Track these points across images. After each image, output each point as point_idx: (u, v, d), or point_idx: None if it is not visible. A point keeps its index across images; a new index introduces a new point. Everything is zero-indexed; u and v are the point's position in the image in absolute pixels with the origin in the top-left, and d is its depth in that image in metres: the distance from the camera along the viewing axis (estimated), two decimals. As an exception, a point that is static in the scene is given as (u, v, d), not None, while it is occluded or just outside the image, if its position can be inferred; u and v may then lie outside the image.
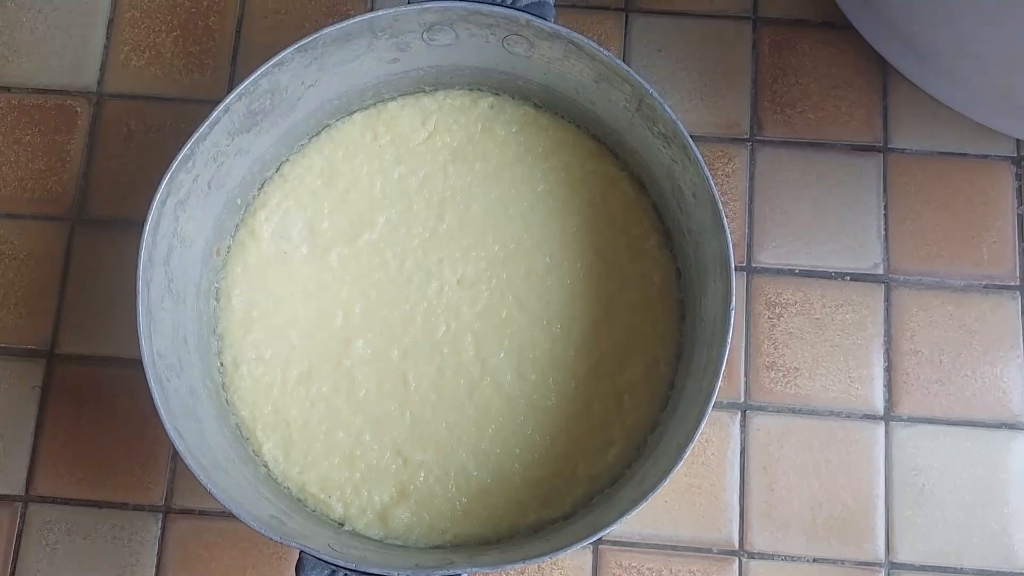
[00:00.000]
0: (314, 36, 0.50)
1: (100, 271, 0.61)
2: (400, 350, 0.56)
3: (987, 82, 0.58)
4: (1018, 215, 0.62)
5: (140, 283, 0.48)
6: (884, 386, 0.60)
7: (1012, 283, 0.61)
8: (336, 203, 0.57)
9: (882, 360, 0.60)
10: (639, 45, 0.64)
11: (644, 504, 0.46)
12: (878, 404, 0.59)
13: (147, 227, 0.48)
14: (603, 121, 0.57)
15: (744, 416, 0.59)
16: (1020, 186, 0.62)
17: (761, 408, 0.59)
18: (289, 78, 0.52)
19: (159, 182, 0.48)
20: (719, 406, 0.59)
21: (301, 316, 0.56)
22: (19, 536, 0.58)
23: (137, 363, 0.47)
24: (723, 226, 0.49)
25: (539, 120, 0.59)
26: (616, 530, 0.58)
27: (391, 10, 0.50)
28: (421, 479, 0.54)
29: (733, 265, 0.49)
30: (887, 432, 0.59)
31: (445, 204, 0.58)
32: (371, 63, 0.55)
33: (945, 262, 0.61)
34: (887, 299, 0.61)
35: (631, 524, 0.58)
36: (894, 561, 0.58)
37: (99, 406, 0.59)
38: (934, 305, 0.61)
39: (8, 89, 0.64)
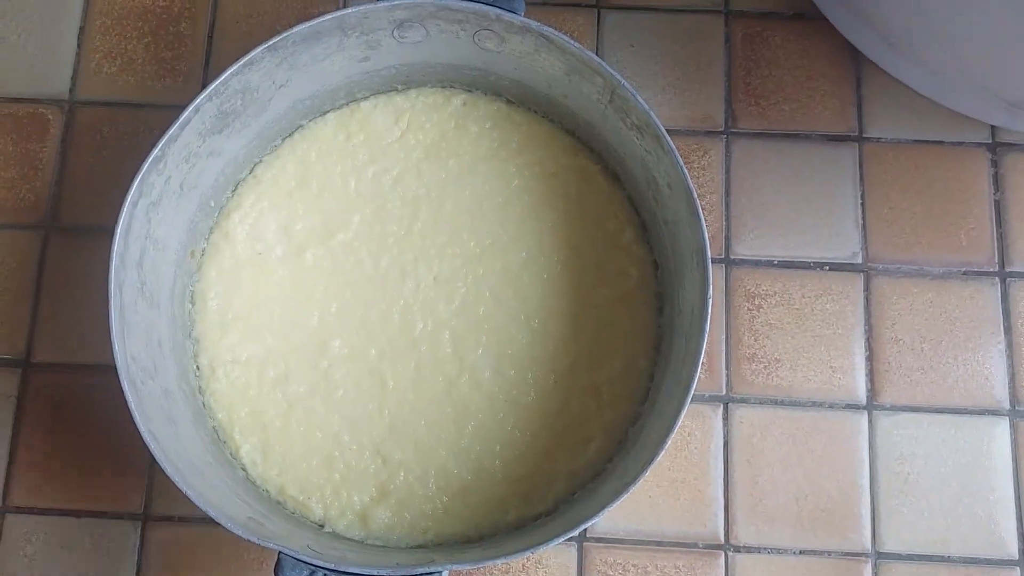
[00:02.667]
0: (284, 35, 0.50)
1: (74, 279, 0.61)
2: (377, 349, 0.55)
3: (959, 68, 0.58)
4: (995, 201, 0.62)
5: (112, 285, 0.47)
6: (866, 375, 0.59)
7: (991, 269, 0.61)
8: (310, 204, 0.57)
9: (863, 349, 0.60)
10: (611, 40, 0.64)
11: (625, 496, 0.46)
12: (860, 393, 0.59)
13: (119, 229, 0.47)
14: (576, 115, 0.57)
15: (726, 409, 0.59)
16: (996, 172, 0.62)
17: (743, 400, 0.59)
18: (260, 78, 0.52)
19: (130, 183, 0.48)
20: (701, 399, 0.59)
21: (277, 317, 0.56)
22: (-4, 548, 0.57)
23: (113, 370, 0.47)
24: (698, 215, 0.49)
25: (512, 116, 0.59)
26: (600, 527, 0.58)
27: (361, 7, 0.50)
28: (401, 479, 0.54)
29: (709, 254, 0.49)
30: (870, 421, 0.59)
31: (419, 202, 0.57)
32: (342, 62, 0.55)
33: (923, 250, 0.61)
34: (866, 288, 0.61)
35: (615, 520, 0.58)
36: (880, 551, 0.57)
37: (75, 414, 0.59)
38: (914, 293, 0.60)
39: (-21, 98, 0.64)
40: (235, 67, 0.49)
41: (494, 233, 0.57)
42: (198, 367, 0.55)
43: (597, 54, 0.63)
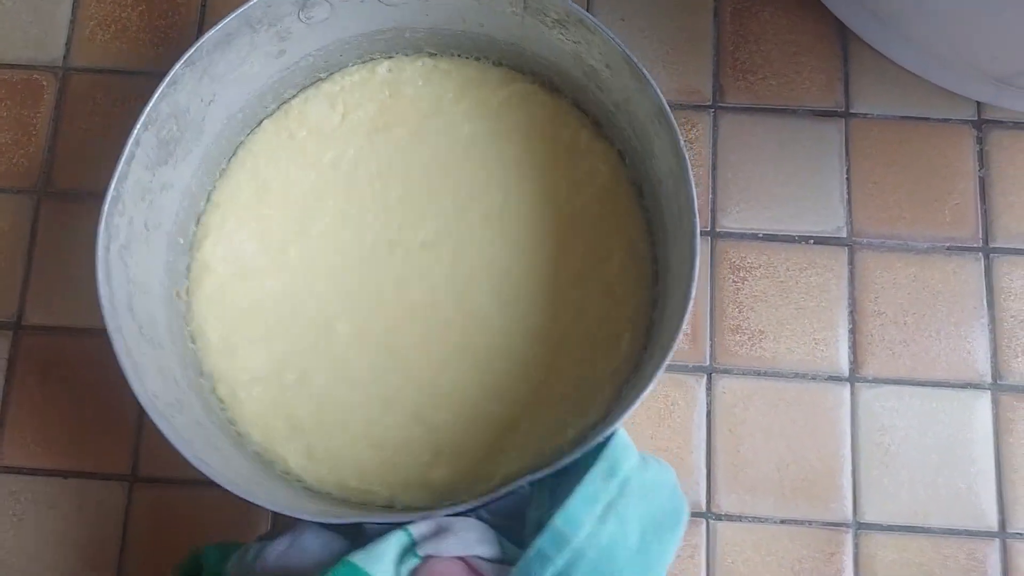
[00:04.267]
0: (196, 46, 0.50)
1: (67, 243, 0.61)
2: (383, 324, 0.55)
3: (947, 44, 0.58)
4: (979, 178, 0.62)
5: (112, 329, 0.47)
6: (849, 348, 0.60)
7: (974, 245, 0.61)
8: (277, 207, 0.57)
9: (846, 322, 0.60)
10: (602, 15, 0.65)
11: (667, 361, 0.46)
12: (843, 366, 0.60)
13: (99, 275, 0.47)
14: (497, 39, 0.57)
15: (710, 379, 0.59)
16: (981, 149, 0.63)
17: (727, 371, 0.60)
18: (187, 97, 0.51)
19: (96, 228, 0.47)
20: (684, 369, 0.59)
21: (279, 322, 0.55)
22: (-15, 506, 0.58)
23: (101, 332, 0.47)
24: (647, 80, 0.49)
25: (439, 66, 0.59)
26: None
27: None
28: (449, 437, 0.54)
29: (668, 110, 0.49)
30: (852, 393, 0.59)
31: (385, 175, 0.57)
32: (259, 62, 0.54)
33: (908, 225, 0.61)
34: (851, 262, 0.61)
35: (598, 487, 0.58)
36: (861, 521, 0.58)
37: (65, 376, 0.59)
38: (897, 267, 0.61)
39: (-26, 64, 0.64)
40: (160, 90, 0.49)
41: (465, 184, 0.57)
42: (220, 399, 0.54)
43: (587, 27, 0.64)
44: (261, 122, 0.58)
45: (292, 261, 0.56)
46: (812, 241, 0.61)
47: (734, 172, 0.62)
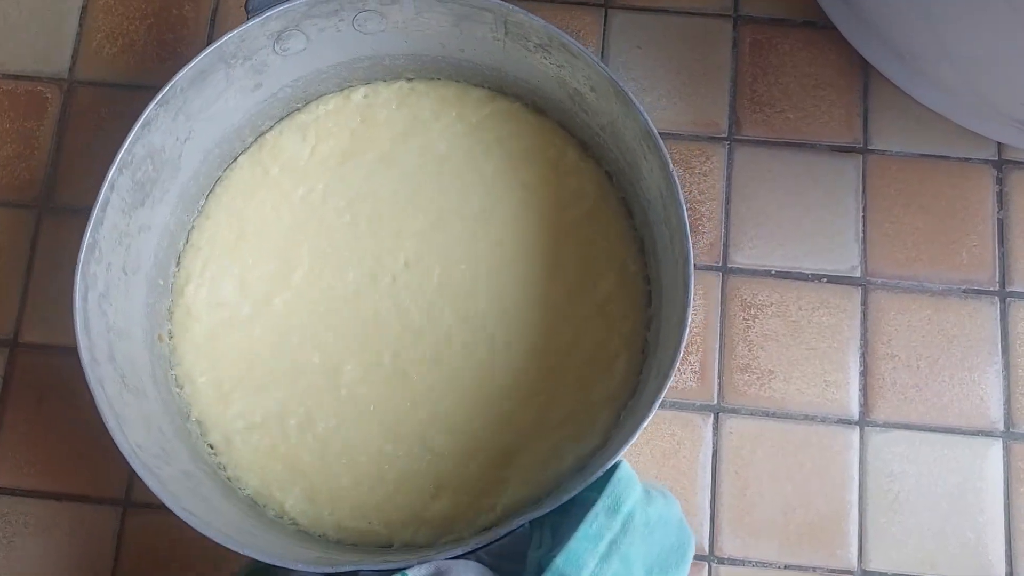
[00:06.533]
0: (170, 84, 0.48)
1: (66, 260, 0.60)
2: (389, 352, 0.55)
3: (967, 84, 0.57)
4: (998, 219, 0.61)
5: (92, 382, 0.46)
6: (860, 390, 0.59)
7: (991, 288, 0.60)
8: (256, 251, 0.56)
9: (858, 364, 0.59)
10: (618, 42, 0.63)
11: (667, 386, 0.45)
12: (853, 409, 0.58)
13: (77, 327, 0.46)
14: (478, 64, 0.56)
15: (717, 419, 0.58)
16: (1001, 190, 0.61)
17: (734, 411, 0.58)
18: (162, 137, 0.50)
19: (72, 278, 0.46)
20: (691, 408, 0.58)
21: (275, 369, 0.54)
22: (-24, 527, 0.57)
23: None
24: (632, 103, 0.49)
25: (416, 88, 0.58)
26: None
27: (235, 31, 0.49)
28: (452, 466, 0.53)
29: (656, 133, 0.48)
30: (862, 437, 0.58)
31: (353, 204, 0.56)
32: (235, 97, 0.53)
33: (924, 265, 0.60)
34: (864, 302, 0.60)
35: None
36: (867, 569, 0.57)
37: (62, 397, 0.58)
38: (912, 309, 0.60)
39: (-22, 74, 0.63)
40: (133, 132, 0.48)
41: (440, 200, 0.56)
42: (211, 446, 0.53)
43: (602, 55, 0.63)
44: (238, 157, 0.57)
45: (278, 310, 0.55)
46: (825, 280, 0.60)
47: (748, 206, 0.61)
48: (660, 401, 0.45)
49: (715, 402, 0.59)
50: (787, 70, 0.63)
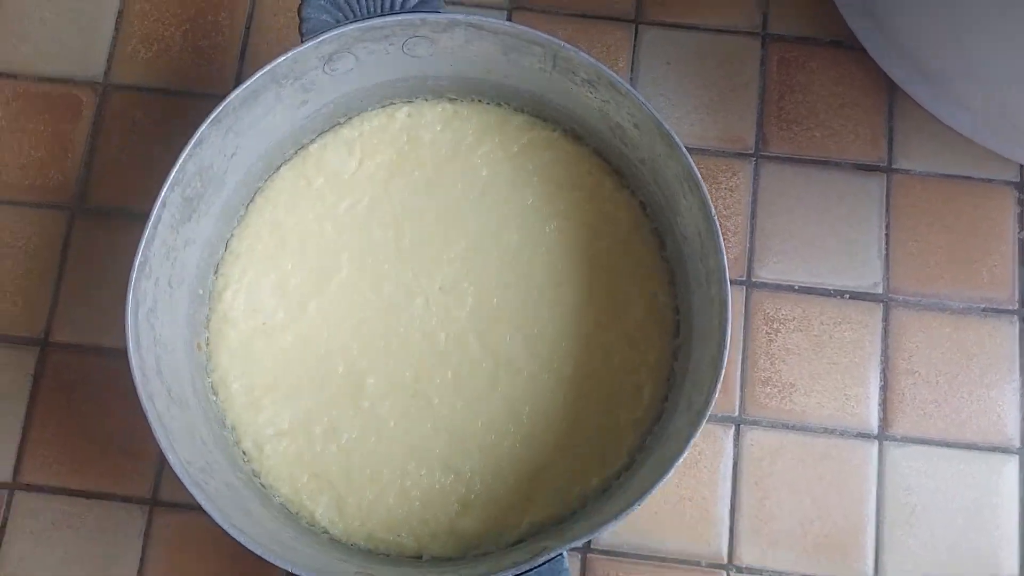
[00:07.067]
0: (224, 104, 0.49)
1: (98, 262, 0.61)
2: (411, 372, 0.55)
3: (993, 107, 0.58)
4: (1019, 240, 0.62)
5: (144, 399, 0.46)
6: (879, 405, 0.60)
7: (1011, 307, 0.61)
8: (295, 259, 0.56)
9: (878, 379, 0.60)
10: (647, 57, 0.64)
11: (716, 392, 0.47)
12: (872, 423, 0.59)
13: (130, 345, 0.46)
14: (521, 89, 0.57)
15: (738, 430, 0.59)
16: (1021, 211, 0.62)
17: (755, 423, 0.59)
18: (212, 154, 0.51)
19: (126, 295, 0.47)
20: (713, 419, 0.59)
21: (304, 377, 0.55)
22: (4, 524, 0.57)
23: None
24: (677, 145, 0.49)
25: (459, 112, 0.59)
26: (605, 539, 0.58)
27: (289, 54, 0.50)
28: (478, 485, 0.54)
29: (699, 177, 0.49)
30: (880, 451, 0.59)
31: (400, 221, 0.57)
32: (282, 113, 0.54)
33: (945, 284, 0.61)
34: (885, 318, 0.61)
35: (619, 534, 0.58)
36: (883, 581, 0.57)
37: (90, 396, 0.59)
38: (933, 326, 0.60)
39: (14, 76, 0.64)
40: (186, 150, 0.48)
41: (480, 226, 0.57)
42: (244, 452, 0.54)
43: (632, 70, 0.64)
44: (279, 168, 0.58)
45: (313, 316, 0.56)
46: (848, 296, 0.61)
47: (773, 222, 0.62)
48: (695, 438, 0.46)
49: (736, 414, 0.59)
50: (814, 88, 0.64)
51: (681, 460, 0.46)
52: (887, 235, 0.62)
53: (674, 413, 0.53)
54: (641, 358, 0.55)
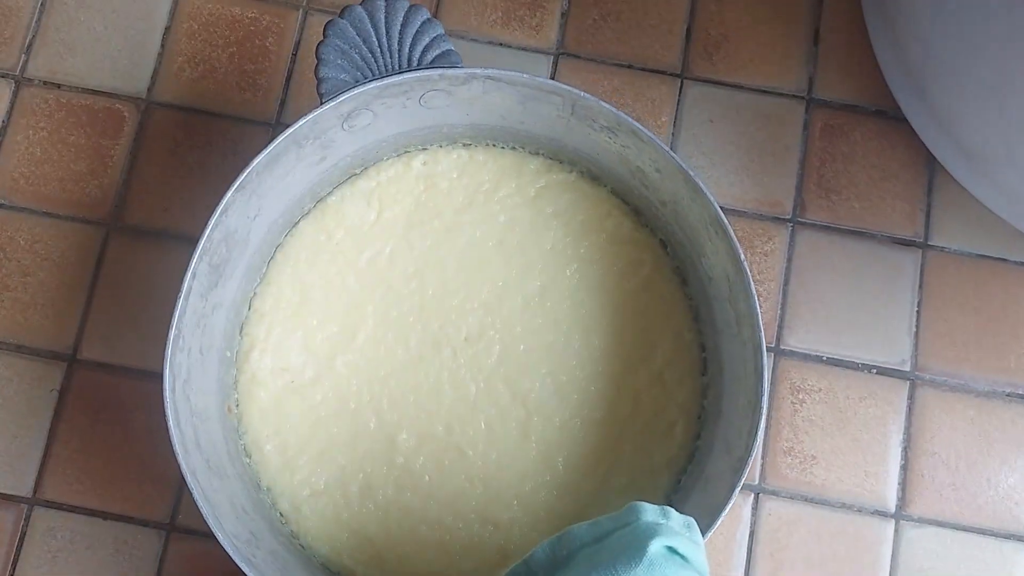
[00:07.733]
0: (248, 170, 0.49)
1: (131, 280, 0.61)
2: (443, 425, 0.55)
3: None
4: (1050, 327, 0.62)
5: (188, 476, 0.47)
6: (898, 484, 0.60)
7: (1035, 394, 0.61)
8: (320, 314, 0.56)
9: (899, 458, 0.60)
10: (691, 113, 0.64)
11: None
12: (890, 501, 0.59)
13: (170, 420, 0.47)
14: (538, 135, 0.57)
15: (757, 499, 0.59)
16: (1055, 298, 0.62)
17: (774, 493, 0.59)
18: (236, 219, 0.51)
19: (162, 374, 0.47)
20: (732, 485, 0.59)
21: (336, 435, 0.55)
22: (21, 539, 0.58)
23: (156, 376, 0.47)
24: (701, 190, 0.50)
25: (475, 158, 0.59)
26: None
27: (309, 116, 0.50)
28: (516, 535, 0.54)
29: (726, 221, 0.50)
30: (896, 530, 0.59)
31: (422, 271, 0.57)
32: (302, 172, 0.54)
33: (972, 366, 0.61)
34: (911, 396, 0.61)
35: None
36: (889, 660, 0.58)
37: (115, 416, 0.59)
38: (956, 408, 0.61)
39: (59, 86, 0.64)
40: (214, 219, 0.49)
41: (502, 273, 0.57)
42: (281, 514, 0.54)
43: (675, 125, 0.63)
44: (298, 223, 0.58)
45: (340, 371, 0.56)
46: (875, 371, 0.61)
47: (805, 290, 0.62)
48: (736, 493, 0.48)
49: (756, 482, 0.59)
50: (856, 159, 0.64)
51: (728, 508, 0.48)
52: (918, 312, 0.62)
53: (709, 454, 0.54)
54: (670, 397, 0.56)
